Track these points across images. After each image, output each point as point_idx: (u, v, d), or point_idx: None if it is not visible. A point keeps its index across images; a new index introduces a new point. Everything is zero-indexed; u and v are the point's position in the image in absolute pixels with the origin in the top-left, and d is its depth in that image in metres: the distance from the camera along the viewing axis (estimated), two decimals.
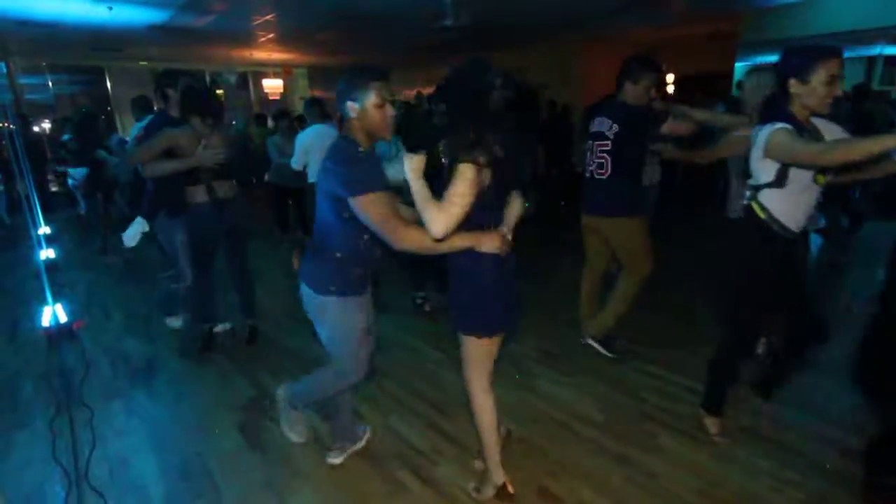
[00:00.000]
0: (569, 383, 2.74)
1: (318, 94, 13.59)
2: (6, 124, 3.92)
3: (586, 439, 2.28)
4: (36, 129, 9.24)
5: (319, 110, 4.60)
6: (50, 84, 10.22)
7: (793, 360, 2.38)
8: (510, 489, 1.87)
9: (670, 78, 9.89)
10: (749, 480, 1.99)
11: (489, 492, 1.90)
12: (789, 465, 2.05)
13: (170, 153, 2.79)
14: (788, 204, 1.88)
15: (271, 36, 8.47)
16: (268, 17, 7.10)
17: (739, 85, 7.33)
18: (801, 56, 1.78)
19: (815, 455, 2.11)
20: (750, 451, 2.15)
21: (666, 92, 8.74)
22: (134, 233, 3.15)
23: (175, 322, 3.60)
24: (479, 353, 1.78)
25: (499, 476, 1.88)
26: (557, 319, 3.50)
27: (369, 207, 1.56)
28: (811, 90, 1.76)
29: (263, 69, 12.38)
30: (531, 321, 3.44)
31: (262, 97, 12.66)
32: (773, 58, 2.74)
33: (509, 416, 2.41)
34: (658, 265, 2.83)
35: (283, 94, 12.54)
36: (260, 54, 10.36)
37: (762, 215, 1.92)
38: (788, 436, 2.24)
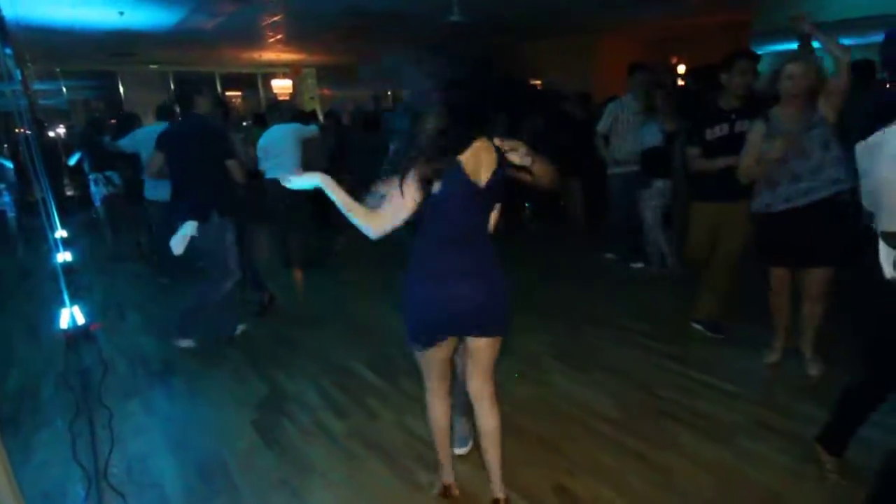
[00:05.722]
0: (585, 380, 2.72)
1: (326, 92, 13.68)
2: (22, 130, 3.97)
3: (603, 436, 2.26)
4: (51, 134, 9.39)
5: (279, 115, 4.92)
6: (64, 90, 10.37)
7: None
8: (455, 491, 1.90)
9: (682, 69, 9.78)
10: (769, 477, 1.96)
11: (437, 488, 1.94)
12: (809, 460, 2.02)
13: None
14: None
15: (279, 36, 8.51)
16: (275, 18, 7.14)
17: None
18: None
19: None
20: (769, 447, 2.12)
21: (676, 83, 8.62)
22: (182, 237, 3.09)
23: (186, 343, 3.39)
24: (420, 360, 1.72)
25: (447, 474, 1.91)
26: (573, 316, 3.48)
27: None
28: None
29: (272, 70, 12.44)
30: (547, 317, 3.43)
31: (272, 98, 12.73)
32: (785, 46, 2.71)
33: (524, 412, 2.41)
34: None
35: (293, 95, 12.60)
36: (269, 55, 10.42)
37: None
38: (806, 430, 2.19)
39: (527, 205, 6.17)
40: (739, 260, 2.91)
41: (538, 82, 10.45)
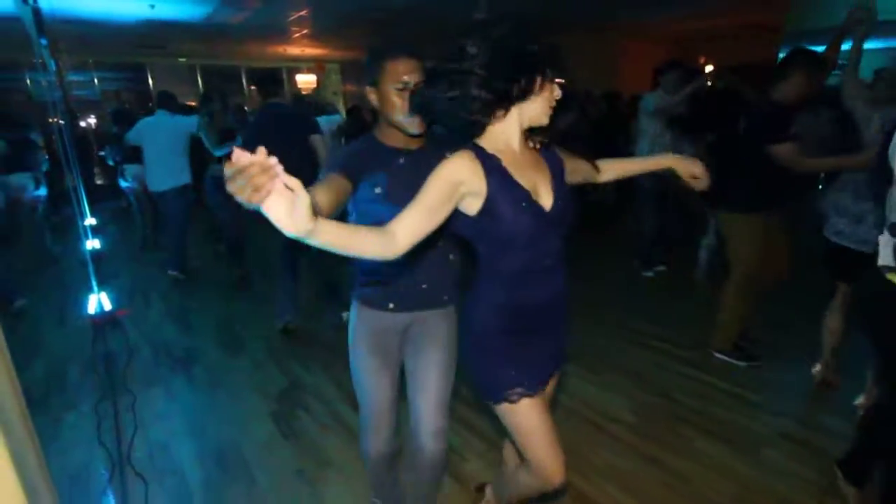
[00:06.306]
0: (599, 382, 2.70)
1: (349, 87, 13.76)
2: (56, 120, 4.08)
3: (618, 439, 2.25)
4: (83, 124, 9.62)
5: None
6: (96, 81, 10.61)
7: None
8: None
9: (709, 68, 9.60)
10: (787, 488, 1.93)
11: None
12: (829, 472, 1.98)
13: None
14: None
15: (305, 31, 8.59)
16: (301, 13, 7.20)
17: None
18: None
19: None
20: (789, 457, 2.08)
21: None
22: None
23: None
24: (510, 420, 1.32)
25: None
26: (586, 317, 3.45)
27: None
28: None
29: (297, 65, 12.56)
30: None
31: (296, 93, 12.87)
32: (820, 47, 2.60)
33: None
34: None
35: (316, 90, 12.71)
36: (293, 50, 10.52)
37: None
38: (830, 443, 2.15)
39: None
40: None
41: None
